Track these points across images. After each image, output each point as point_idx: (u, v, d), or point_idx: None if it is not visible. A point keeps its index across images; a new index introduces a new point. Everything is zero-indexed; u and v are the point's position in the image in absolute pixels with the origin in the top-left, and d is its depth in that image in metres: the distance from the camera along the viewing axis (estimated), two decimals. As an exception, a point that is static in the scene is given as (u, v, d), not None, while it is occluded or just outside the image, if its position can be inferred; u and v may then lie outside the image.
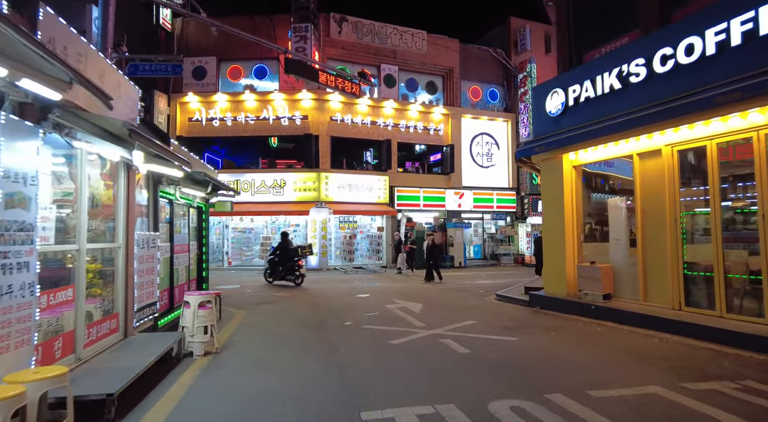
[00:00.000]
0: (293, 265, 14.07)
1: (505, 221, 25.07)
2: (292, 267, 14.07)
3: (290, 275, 14.09)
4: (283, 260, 14.09)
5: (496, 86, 25.82)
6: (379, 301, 10.67)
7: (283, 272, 14.08)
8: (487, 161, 24.60)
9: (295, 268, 14.07)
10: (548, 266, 9.57)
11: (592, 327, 7.35)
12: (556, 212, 9.23)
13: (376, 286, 14.24)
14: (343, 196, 20.88)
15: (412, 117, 22.62)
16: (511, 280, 16.30)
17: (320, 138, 20.75)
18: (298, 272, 14.10)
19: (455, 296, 11.69)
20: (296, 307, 9.99)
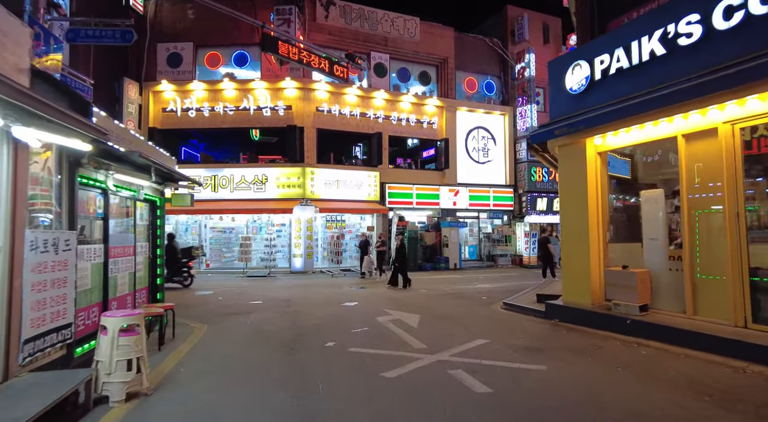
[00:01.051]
0: (180, 266, 13.95)
1: (502, 220, 23.73)
2: (179, 269, 13.91)
3: (177, 277, 13.87)
4: (168, 263, 12.88)
5: (493, 78, 24.47)
6: (368, 311, 9.18)
7: (170, 275, 13.44)
8: (484, 157, 23.23)
9: (183, 270, 13.99)
10: (568, 271, 8.16)
11: (633, 349, 5.92)
12: (578, 207, 7.82)
13: (365, 292, 12.75)
14: (331, 193, 19.34)
15: (404, 109, 21.16)
16: (514, 284, 14.93)
17: (305, 130, 19.19)
18: (187, 274, 14.05)
19: (456, 304, 10.23)
20: (271, 319, 8.45)
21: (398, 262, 14.01)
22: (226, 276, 17.41)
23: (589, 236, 7.62)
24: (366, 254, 16.76)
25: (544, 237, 16.17)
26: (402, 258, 13.99)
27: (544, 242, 15.93)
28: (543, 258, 16.05)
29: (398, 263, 14.01)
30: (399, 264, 13.95)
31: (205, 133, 22.63)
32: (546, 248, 15.68)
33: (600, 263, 7.66)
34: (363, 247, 17.00)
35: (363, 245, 17.03)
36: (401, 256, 14.00)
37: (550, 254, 15.69)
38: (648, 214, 7.21)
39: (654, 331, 6.20)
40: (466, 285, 14.63)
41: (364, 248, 16.96)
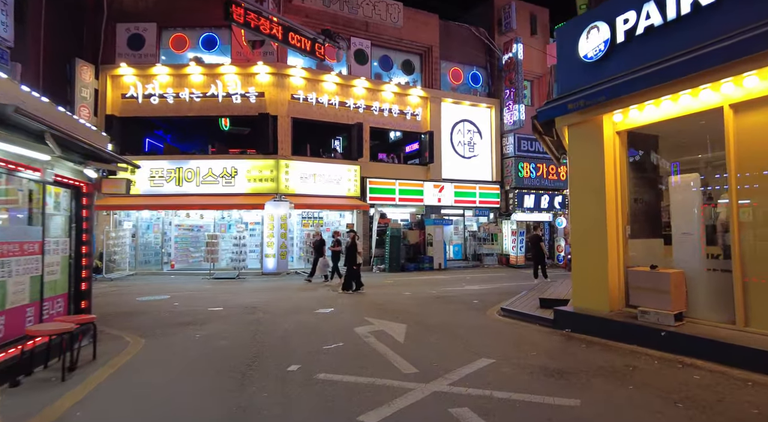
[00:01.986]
0: None
1: (488, 218, 22.64)
2: None
3: None
4: None
5: (479, 69, 23.35)
6: (345, 320, 7.81)
7: None
8: (469, 152, 22.08)
9: None
10: (580, 273, 6.95)
11: (678, 371, 4.70)
12: (593, 197, 6.61)
13: (343, 296, 11.38)
14: (307, 188, 17.89)
15: (387, 99, 19.83)
16: (504, 285, 13.78)
17: (279, 119, 17.69)
18: None
19: (446, 310, 8.94)
20: (228, 332, 7.01)
21: (349, 263, 12.28)
22: (191, 278, 15.79)
23: (607, 231, 6.41)
24: (321, 256, 14.52)
25: (535, 235, 15.07)
26: (353, 259, 12.22)
27: (536, 241, 14.82)
28: (534, 258, 14.94)
29: (349, 264, 12.29)
30: (350, 266, 12.24)
31: (170, 122, 20.91)
32: (538, 246, 14.58)
33: (619, 263, 6.47)
34: (317, 247, 14.67)
35: (317, 244, 14.68)
36: (351, 256, 12.22)
37: (542, 254, 14.60)
38: (679, 204, 6.04)
39: (698, 346, 5.01)
40: (454, 287, 13.40)
41: (318, 249, 14.65)
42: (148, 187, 17.32)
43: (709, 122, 5.62)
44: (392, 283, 14.53)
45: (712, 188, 5.83)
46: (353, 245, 12.32)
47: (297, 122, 18.18)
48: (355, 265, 12.24)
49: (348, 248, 12.40)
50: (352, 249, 12.27)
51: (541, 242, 14.59)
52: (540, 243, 14.50)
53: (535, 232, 15.18)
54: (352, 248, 12.29)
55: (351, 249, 12.30)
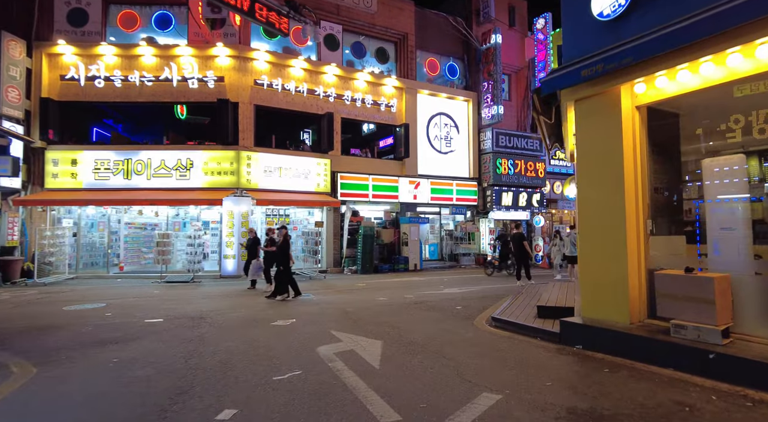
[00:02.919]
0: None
1: (465, 216, 21.58)
2: None
3: None
4: None
5: (456, 60, 22.27)
6: (307, 336, 6.44)
7: None
8: (446, 146, 20.96)
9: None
10: (589, 276, 5.80)
11: (753, 412, 3.54)
12: (608, 185, 5.47)
13: (309, 303, 9.97)
14: (272, 182, 16.34)
15: (359, 88, 18.46)
16: (486, 288, 12.69)
17: (240, 106, 16.08)
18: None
19: (428, 319, 7.67)
20: (157, 354, 5.53)
21: (281, 264, 10.55)
22: (139, 282, 14.05)
23: (626, 224, 5.26)
24: (255, 257, 12.47)
25: (518, 234, 14.01)
26: (285, 259, 10.51)
27: (519, 240, 13.77)
28: (517, 258, 13.89)
29: (281, 265, 10.55)
30: (283, 268, 10.51)
31: (121, 110, 19.01)
32: (521, 246, 13.53)
33: (641, 265, 5.34)
34: (251, 247, 12.57)
35: (251, 244, 12.59)
36: (283, 256, 10.53)
37: (525, 254, 13.57)
38: (717, 193, 4.92)
39: (760, 374, 3.86)
40: (432, 290, 12.18)
41: (252, 249, 12.53)
42: (92, 180, 15.43)
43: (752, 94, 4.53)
44: (365, 286, 13.19)
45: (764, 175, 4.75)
46: (285, 244, 10.71)
47: (261, 111, 16.61)
48: (282, 266, 10.50)
49: (280, 247, 10.70)
50: (285, 248, 10.63)
51: (524, 241, 13.54)
52: (523, 242, 13.45)
53: (517, 230, 14.11)
54: (284, 247, 10.65)
55: (283, 248, 10.64)
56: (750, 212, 4.66)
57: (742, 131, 4.82)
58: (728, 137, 4.95)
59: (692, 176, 5.45)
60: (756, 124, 4.68)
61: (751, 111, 4.76)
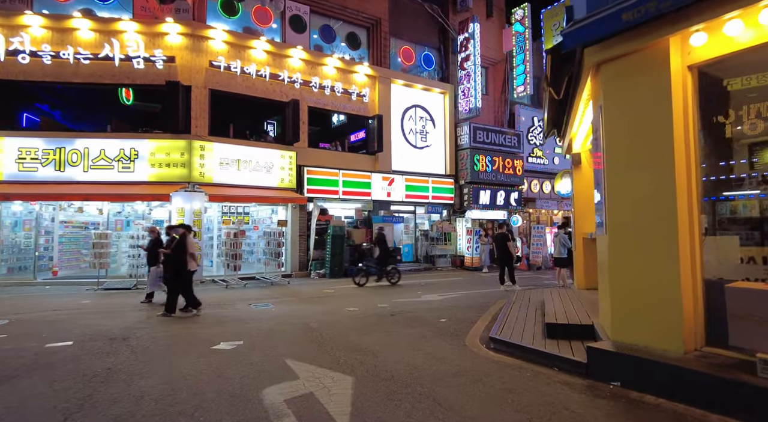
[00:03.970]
0: None
1: (441, 216, 20.34)
2: None
3: None
4: None
5: (432, 50, 21.02)
6: (253, 368, 4.92)
7: None
8: (422, 141, 19.67)
9: None
10: (620, 286, 4.50)
11: None
12: (652, 166, 4.20)
13: (266, 315, 8.39)
14: (229, 176, 14.60)
15: (329, 75, 16.91)
16: (468, 293, 11.47)
17: (194, 91, 14.27)
18: None
19: (408, 339, 6.26)
20: (30, 405, 3.90)
21: (176, 269, 8.44)
22: (72, 290, 12.09)
23: (678, 223, 3.98)
24: (155, 263, 9.92)
25: (502, 234, 12.83)
26: (180, 263, 8.39)
27: (503, 241, 12.58)
28: (501, 260, 12.69)
29: (176, 271, 8.44)
30: (179, 274, 8.43)
31: (55, 93, 16.81)
32: (505, 247, 12.35)
33: (695, 273, 4.07)
34: (151, 250, 10.05)
35: (151, 246, 10.11)
36: (179, 260, 8.40)
37: (509, 255, 12.41)
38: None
39: None
40: (409, 297, 10.81)
41: (152, 253, 9.98)
42: (15, 171, 13.31)
43: None
44: (333, 293, 11.70)
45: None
46: (181, 244, 8.45)
47: (217, 96, 14.84)
48: (177, 272, 8.46)
49: (175, 248, 8.46)
50: (180, 250, 8.43)
51: (508, 242, 12.37)
52: (507, 243, 12.27)
53: (500, 230, 12.94)
54: (179, 248, 8.44)
55: (178, 250, 8.44)
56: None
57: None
58: None
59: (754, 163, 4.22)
60: None
61: None
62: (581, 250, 8.53)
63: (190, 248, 8.50)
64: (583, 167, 8.62)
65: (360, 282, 13.01)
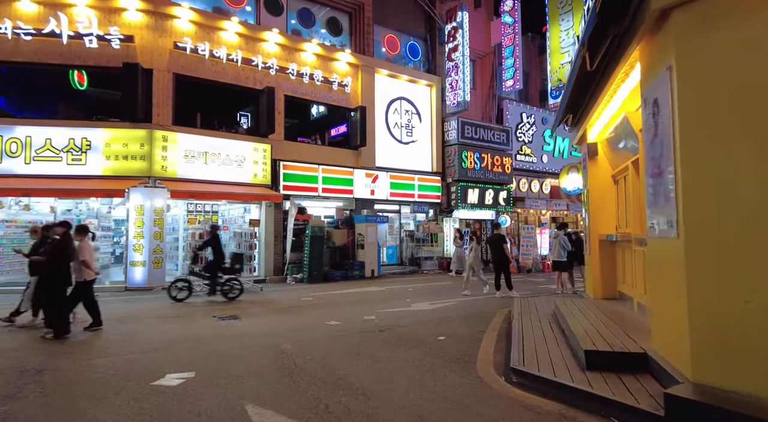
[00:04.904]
0: None
1: (427, 215, 19.18)
2: None
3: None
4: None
5: (417, 40, 19.86)
6: (200, 420, 3.58)
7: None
8: (407, 136, 18.48)
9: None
10: (706, 303, 3.31)
11: None
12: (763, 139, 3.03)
13: (230, 331, 7.03)
14: (195, 170, 13.11)
15: (307, 62, 15.55)
16: (461, 301, 10.32)
17: (156, 75, 12.74)
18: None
19: (406, 370, 5.02)
20: None
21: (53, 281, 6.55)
22: (5, 299, 10.42)
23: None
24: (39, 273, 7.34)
25: (498, 235, 11.74)
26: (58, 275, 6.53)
27: (499, 243, 11.50)
28: (497, 264, 11.60)
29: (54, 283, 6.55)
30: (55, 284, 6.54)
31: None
32: (501, 249, 11.28)
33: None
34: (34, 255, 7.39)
35: (33, 251, 7.44)
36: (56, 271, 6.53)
37: (506, 259, 11.33)
38: None
39: None
40: (397, 306, 9.59)
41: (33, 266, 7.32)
42: (-58, 163, 11.57)
43: None
44: (312, 301, 10.39)
45: None
46: (62, 247, 6.58)
47: (183, 81, 13.33)
48: (63, 284, 6.59)
49: (52, 253, 6.58)
50: (59, 255, 6.54)
51: (504, 244, 11.30)
52: (503, 246, 11.20)
53: (496, 231, 11.85)
54: (59, 254, 6.55)
55: (57, 255, 6.55)
56: None
57: None
58: None
59: None
60: None
61: None
62: (597, 254, 7.43)
63: (82, 253, 6.67)
64: (600, 160, 7.53)
65: (178, 297, 9.88)
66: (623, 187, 7.01)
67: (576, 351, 4.72)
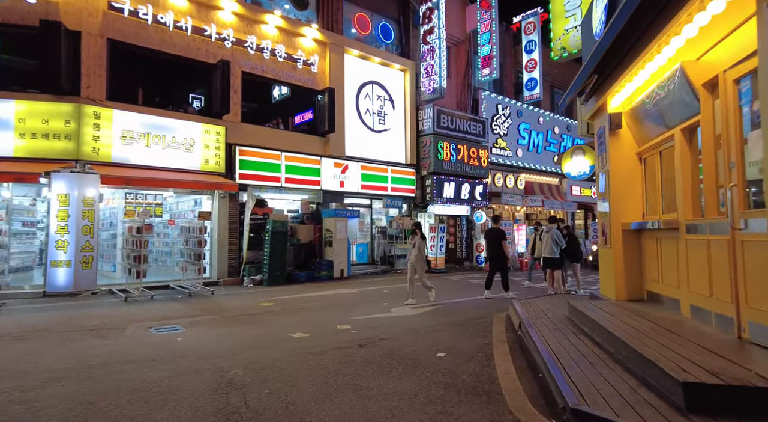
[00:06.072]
0: None
1: (400, 210, 17.75)
2: None
3: None
4: None
5: (390, 21, 18.41)
6: None
7: None
8: (380, 124, 17.00)
9: None
10: None
11: None
12: None
13: (165, 349, 5.30)
14: (135, 154, 11.14)
15: (269, 35, 13.80)
16: (446, 302, 8.93)
17: (85, 39, 10.70)
18: None
19: (406, 415, 3.55)
20: None
21: None
22: None
23: None
24: None
25: (496, 230, 10.47)
26: None
27: (498, 238, 10.28)
28: (494, 262, 10.35)
29: None
30: None
31: None
32: (500, 246, 10.02)
33: None
34: None
35: None
36: None
37: (504, 256, 10.08)
38: None
39: None
40: (375, 312, 8.11)
41: None
42: None
43: None
44: (272, 306, 8.73)
45: None
46: None
47: (121, 50, 11.31)
48: None
49: None
50: None
51: (504, 241, 10.07)
52: (503, 242, 9.95)
53: (495, 225, 10.57)
54: None
55: None
56: None
57: None
58: None
59: None
60: None
61: None
62: (620, 246, 6.18)
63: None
64: (623, 134, 6.28)
65: None
66: (655, 165, 5.78)
67: (647, 377, 3.36)
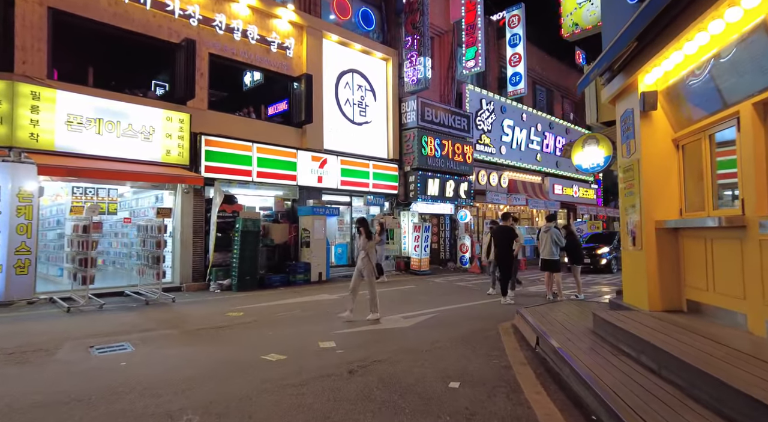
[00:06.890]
0: None
1: (382, 208, 16.69)
2: None
3: None
4: None
5: (371, 8, 17.31)
6: None
7: None
8: (360, 116, 15.88)
9: None
10: None
11: None
12: None
13: (101, 381, 4.05)
14: (84, 143, 9.70)
15: (240, 15, 12.50)
16: (440, 309, 7.87)
17: (20, 6, 9.19)
18: None
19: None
20: None
21: None
22: None
23: None
24: None
25: (505, 227, 9.53)
26: None
27: (507, 237, 9.37)
28: (503, 262, 9.40)
29: None
30: None
31: None
32: (508, 246, 9.14)
33: None
34: None
35: None
36: None
37: (512, 256, 9.17)
38: None
39: None
40: (362, 323, 7.09)
41: None
42: None
43: None
44: (241, 317, 7.52)
45: None
46: None
47: (66, 23, 9.84)
48: None
49: None
50: None
51: (516, 239, 9.20)
52: (515, 240, 9.06)
53: (505, 223, 9.63)
54: None
55: None
56: None
57: None
58: None
59: None
60: None
61: None
62: (653, 248, 5.27)
63: None
64: (656, 118, 5.36)
65: None
66: (702, 152, 4.88)
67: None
